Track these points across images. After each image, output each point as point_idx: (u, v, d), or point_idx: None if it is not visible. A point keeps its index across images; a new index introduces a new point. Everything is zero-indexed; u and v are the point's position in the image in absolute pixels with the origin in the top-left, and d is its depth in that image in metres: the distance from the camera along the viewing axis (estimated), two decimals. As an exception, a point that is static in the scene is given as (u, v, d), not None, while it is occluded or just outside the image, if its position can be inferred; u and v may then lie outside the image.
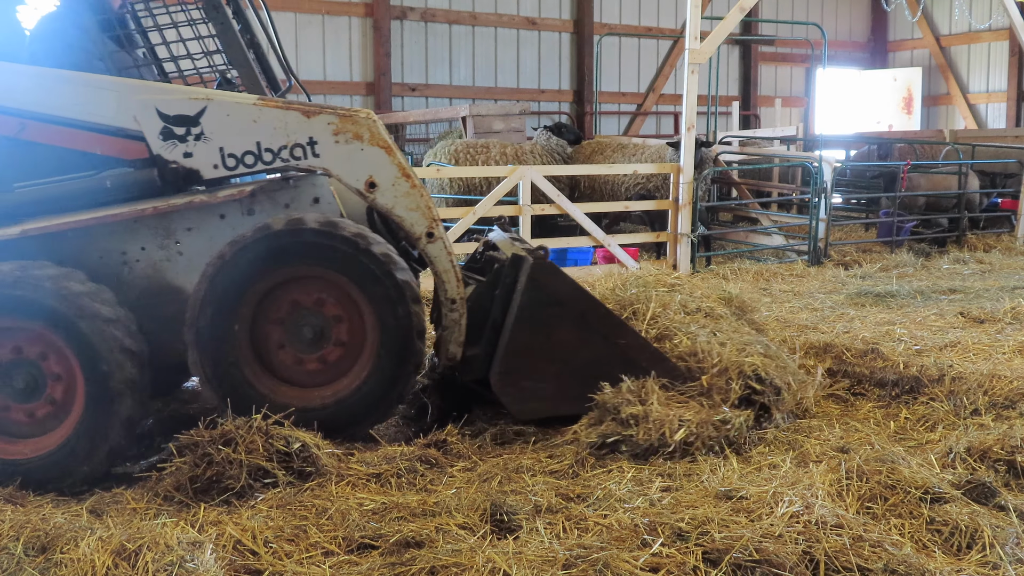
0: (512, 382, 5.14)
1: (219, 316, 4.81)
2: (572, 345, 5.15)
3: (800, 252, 12.43)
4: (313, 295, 4.95)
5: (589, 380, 5.04)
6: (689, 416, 4.84)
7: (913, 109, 22.80)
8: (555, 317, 5.13)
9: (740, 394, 5.14)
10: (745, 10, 11.81)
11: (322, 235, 4.81)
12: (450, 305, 5.14)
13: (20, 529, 3.72)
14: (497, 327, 5.18)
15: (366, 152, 4.96)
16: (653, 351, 5.32)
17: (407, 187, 5.02)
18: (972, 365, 6.34)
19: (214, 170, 4.89)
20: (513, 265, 5.21)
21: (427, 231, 5.07)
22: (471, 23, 17.97)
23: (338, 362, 5.00)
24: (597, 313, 5.27)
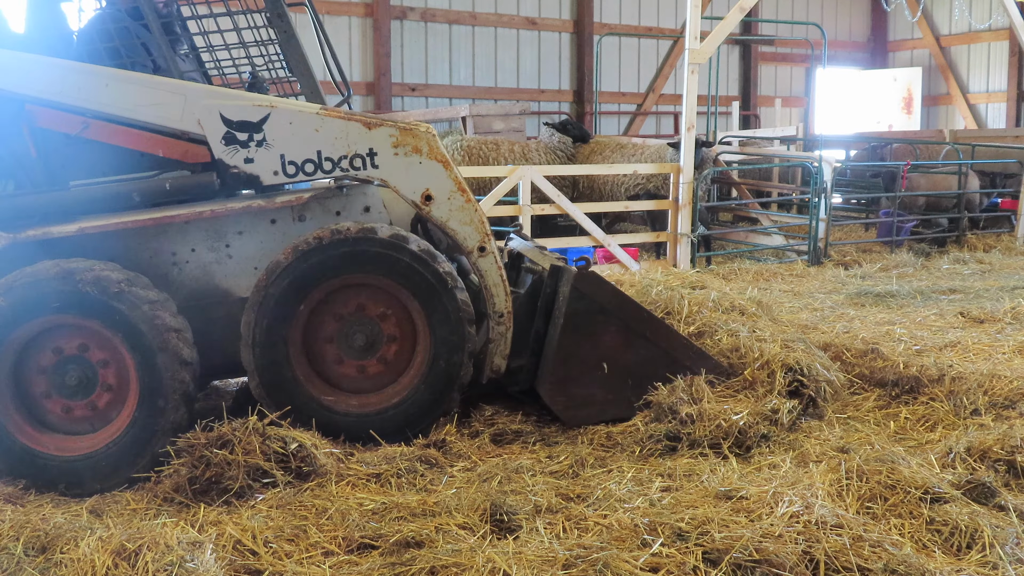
0: (562, 391, 5.26)
1: (291, 291, 4.85)
2: (618, 350, 5.28)
3: (800, 252, 12.42)
4: (379, 308, 5.03)
5: (637, 382, 5.23)
6: (740, 409, 5.05)
7: (913, 109, 22.80)
8: (600, 324, 5.25)
9: (786, 387, 5.36)
10: (745, 10, 11.81)
11: (391, 247, 4.88)
12: (497, 319, 5.21)
13: (20, 529, 3.72)
14: (540, 337, 5.29)
15: (424, 165, 5.03)
16: (697, 350, 5.51)
17: (462, 201, 5.09)
18: (972, 365, 6.34)
19: (274, 176, 4.93)
20: (553, 276, 5.32)
21: (479, 245, 5.14)
22: (471, 23, 17.97)
23: (382, 374, 5.07)
24: (640, 317, 5.40)
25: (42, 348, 4.73)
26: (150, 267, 4.99)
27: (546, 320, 5.30)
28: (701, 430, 4.92)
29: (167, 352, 4.62)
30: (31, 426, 4.70)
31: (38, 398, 4.75)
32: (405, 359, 5.07)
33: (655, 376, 5.24)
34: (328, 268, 4.87)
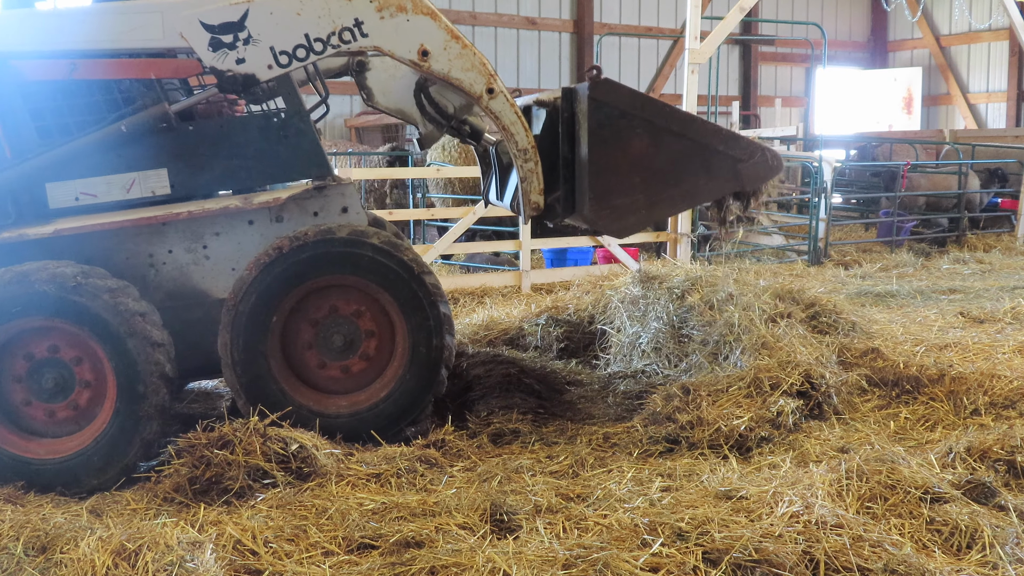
0: (605, 205, 5.17)
1: (260, 305, 4.83)
2: (649, 150, 5.18)
3: (800, 252, 12.43)
4: (352, 306, 5.01)
5: (675, 179, 5.19)
6: (741, 414, 5.05)
7: (913, 109, 22.81)
8: (625, 129, 5.13)
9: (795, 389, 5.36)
10: (745, 10, 11.81)
11: (352, 244, 4.86)
12: (523, 156, 5.14)
13: (20, 529, 3.72)
14: (569, 163, 5.19)
15: (412, 22, 4.93)
16: (727, 132, 5.40)
17: (459, 48, 5.00)
18: (972, 365, 6.34)
19: (269, 71, 4.87)
20: (567, 98, 5.20)
21: (487, 87, 5.05)
22: (471, 23, 17.97)
23: (367, 370, 5.06)
24: (663, 112, 5.27)
25: (13, 357, 4.70)
26: (127, 269, 4.96)
27: (571, 144, 5.18)
28: (700, 434, 4.93)
29: (136, 336, 4.59)
30: (18, 436, 4.69)
31: (19, 407, 4.73)
32: (387, 352, 5.06)
33: (691, 169, 5.18)
34: (293, 276, 4.85)
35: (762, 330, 5.95)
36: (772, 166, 5.34)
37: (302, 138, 5.18)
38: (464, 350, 6.55)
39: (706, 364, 5.81)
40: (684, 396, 5.24)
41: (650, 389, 5.79)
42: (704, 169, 5.21)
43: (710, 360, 5.85)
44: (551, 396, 5.83)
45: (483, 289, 10.09)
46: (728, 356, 5.84)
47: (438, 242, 10.20)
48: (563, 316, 7.09)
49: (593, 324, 6.93)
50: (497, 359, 6.19)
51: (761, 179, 5.38)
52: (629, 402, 5.74)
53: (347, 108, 16.72)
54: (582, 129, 5.11)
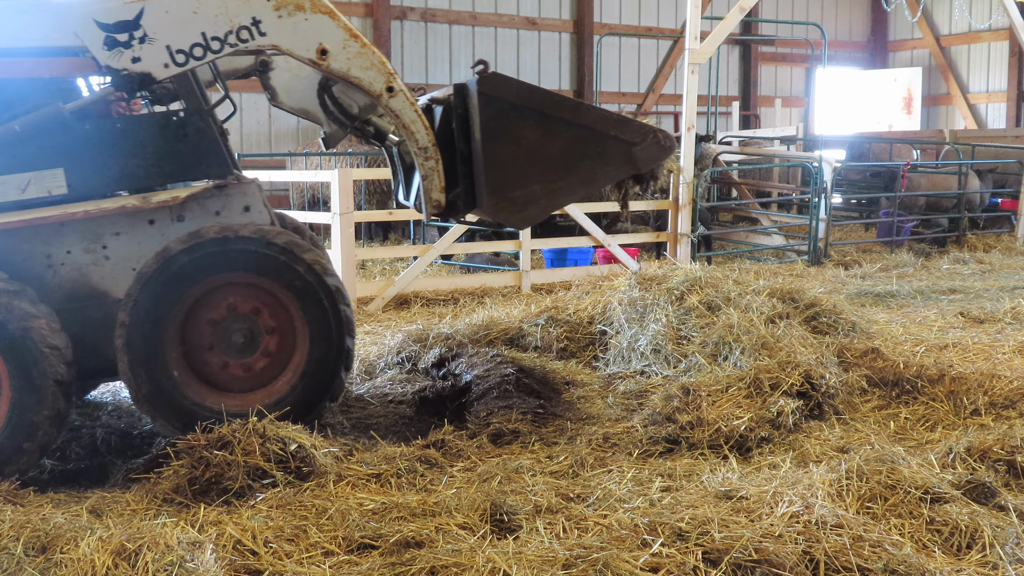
0: (503, 197, 5.20)
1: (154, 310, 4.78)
2: (542, 141, 5.20)
3: (800, 252, 12.43)
4: (251, 304, 4.95)
5: (571, 166, 5.22)
6: (741, 414, 5.04)
7: (913, 109, 22.81)
8: (516, 120, 5.14)
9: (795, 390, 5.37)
10: (745, 10, 11.81)
11: (280, 251, 4.82)
12: (424, 154, 5.13)
13: (20, 529, 3.72)
14: (467, 158, 5.19)
15: (311, 20, 4.91)
16: (617, 117, 5.43)
17: (358, 47, 4.97)
18: (972, 365, 6.34)
19: (165, 69, 4.82)
20: (459, 94, 5.20)
21: (387, 86, 5.03)
22: (471, 23, 17.97)
23: (270, 367, 5.00)
24: (553, 101, 5.29)
25: None
26: (24, 270, 4.88)
27: (467, 140, 5.19)
28: (700, 434, 4.93)
29: (31, 340, 4.55)
30: None
31: None
32: (288, 349, 5.01)
33: (586, 156, 5.21)
34: (185, 277, 4.81)
35: (762, 330, 5.95)
36: (665, 147, 5.37)
37: (202, 137, 5.12)
38: (464, 350, 6.56)
39: (706, 365, 5.81)
40: (684, 396, 5.25)
41: (650, 389, 5.79)
42: (599, 155, 5.24)
43: (710, 361, 5.85)
44: (551, 396, 5.83)
45: (483, 289, 10.09)
46: (728, 357, 5.84)
47: (438, 242, 10.20)
48: (563, 316, 7.09)
49: (593, 324, 6.93)
50: (497, 359, 6.19)
51: (655, 160, 5.40)
52: (629, 402, 5.74)
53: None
54: (475, 124, 5.11)
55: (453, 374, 6.27)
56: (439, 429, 5.22)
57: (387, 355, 6.90)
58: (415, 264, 9.89)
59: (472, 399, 5.74)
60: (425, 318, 8.72)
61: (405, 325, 8.33)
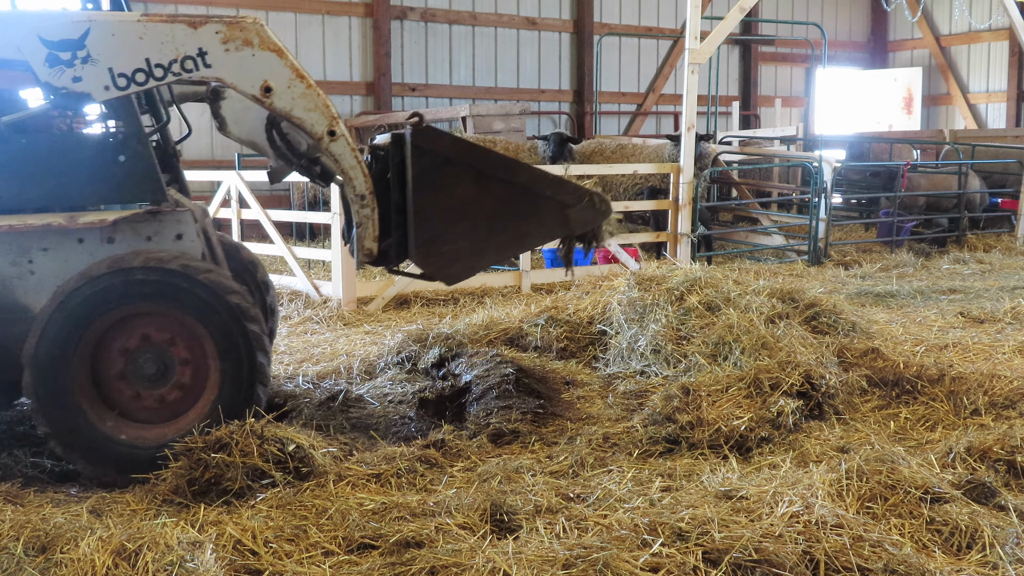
0: (433, 251, 5.18)
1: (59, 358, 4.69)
2: (475, 197, 5.18)
3: (800, 252, 12.43)
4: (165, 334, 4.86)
5: (503, 225, 5.19)
6: (742, 414, 5.04)
7: (913, 109, 22.81)
8: (450, 176, 5.14)
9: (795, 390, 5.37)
10: (745, 10, 11.81)
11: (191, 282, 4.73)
12: (360, 201, 5.10)
13: (20, 529, 3.72)
14: (401, 209, 5.18)
15: (258, 57, 4.89)
16: (553, 178, 5.40)
17: (303, 88, 4.96)
18: (972, 365, 6.34)
19: (105, 92, 4.78)
20: (396, 144, 5.19)
21: (328, 130, 5.01)
22: (471, 23, 17.97)
23: (176, 404, 4.90)
24: (488, 159, 5.28)
25: None
26: None
27: (402, 191, 5.18)
28: (700, 434, 4.93)
29: None
30: None
31: None
32: (202, 381, 4.90)
33: (519, 214, 5.19)
34: (97, 305, 4.72)
35: (762, 331, 5.95)
36: (600, 210, 5.36)
37: (138, 161, 5.07)
38: (464, 350, 6.56)
39: (706, 365, 5.81)
40: (684, 396, 5.25)
41: (650, 389, 5.79)
42: (532, 214, 5.21)
43: (709, 361, 5.85)
44: (551, 396, 5.83)
45: (483, 289, 10.09)
46: (728, 357, 5.84)
47: (438, 242, 10.19)
48: (563, 316, 7.09)
49: (593, 324, 6.93)
50: (497, 359, 6.19)
51: (590, 223, 5.40)
52: (629, 402, 5.74)
53: (347, 108, 16.72)
54: (408, 176, 5.11)
55: (453, 374, 6.27)
56: (439, 429, 5.23)
57: (387, 355, 6.90)
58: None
59: (472, 399, 5.74)
60: (425, 318, 8.72)
61: (405, 325, 8.33)
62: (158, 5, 15.01)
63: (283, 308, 9.27)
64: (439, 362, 6.55)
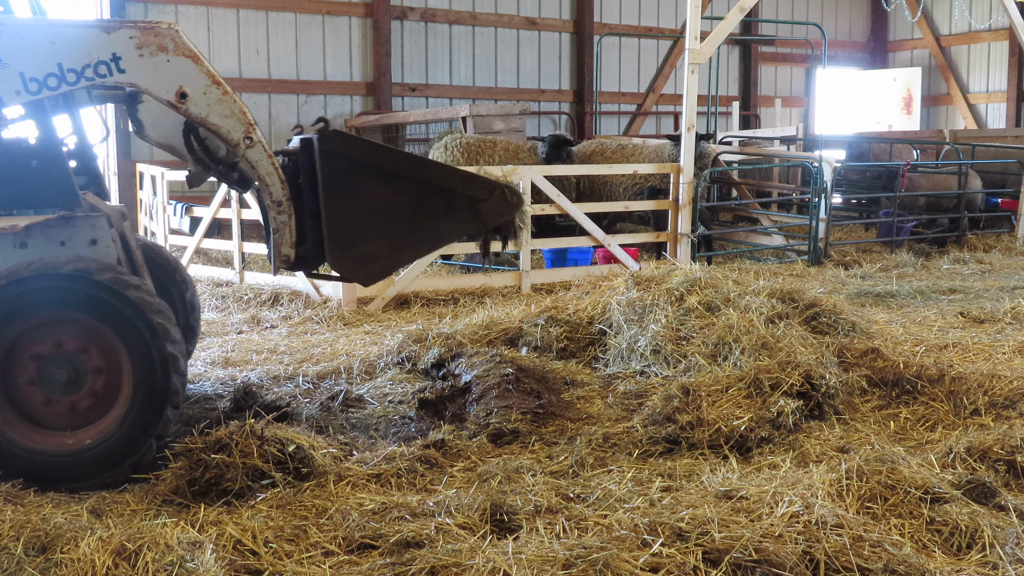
0: (348, 254, 5.20)
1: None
2: (388, 198, 5.22)
3: (800, 252, 12.43)
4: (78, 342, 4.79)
5: (416, 224, 5.23)
6: (742, 414, 5.04)
7: (913, 109, 22.80)
8: (361, 178, 5.16)
9: (796, 390, 5.37)
10: (745, 10, 11.81)
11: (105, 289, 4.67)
12: (277, 208, 5.10)
13: (20, 529, 3.72)
14: (314, 214, 5.19)
15: (173, 63, 4.86)
16: (464, 174, 5.44)
17: (219, 94, 4.94)
18: (972, 365, 6.34)
19: (16, 96, 4.75)
20: (305, 149, 5.19)
21: (245, 136, 4.99)
22: (471, 23, 17.97)
23: (89, 412, 4.84)
24: (397, 159, 5.34)
25: None
26: None
27: (314, 195, 5.19)
28: (700, 435, 4.93)
29: None
30: None
31: None
32: (114, 389, 4.83)
33: (432, 212, 5.23)
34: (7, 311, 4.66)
35: (762, 331, 5.95)
36: (512, 203, 5.39)
37: (51, 166, 5.03)
38: (464, 350, 6.56)
39: (705, 365, 5.81)
40: (684, 396, 5.25)
41: (650, 390, 5.79)
42: (445, 211, 5.25)
43: (709, 361, 5.85)
44: (551, 396, 5.83)
45: (483, 289, 10.09)
46: (728, 357, 5.84)
47: (438, 242, 10.18)
48: (563, 316, 7.09)
49: (593, 325, 6.93)
50: (497, 359, 6.19)
51: (502, 216, 5.43)
52: (629, 402, 5.74)
53: (347, 108, 16.72)
54: (319, 181, 5.12)
55: (453, 374, 6.27)
56: (439, 429, 5.23)
57: (387, 355, 6.90)
58: (415, 264, 9.89)
59: (472, 399, 5.74)
60: (425, 318, 8.72)
61: (405, 325, 8.33)
62: (158, 6, 15.01)
63: (283, 308, 9.27)
64: (439, 362, 6.55)
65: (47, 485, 4.56)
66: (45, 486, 4.53)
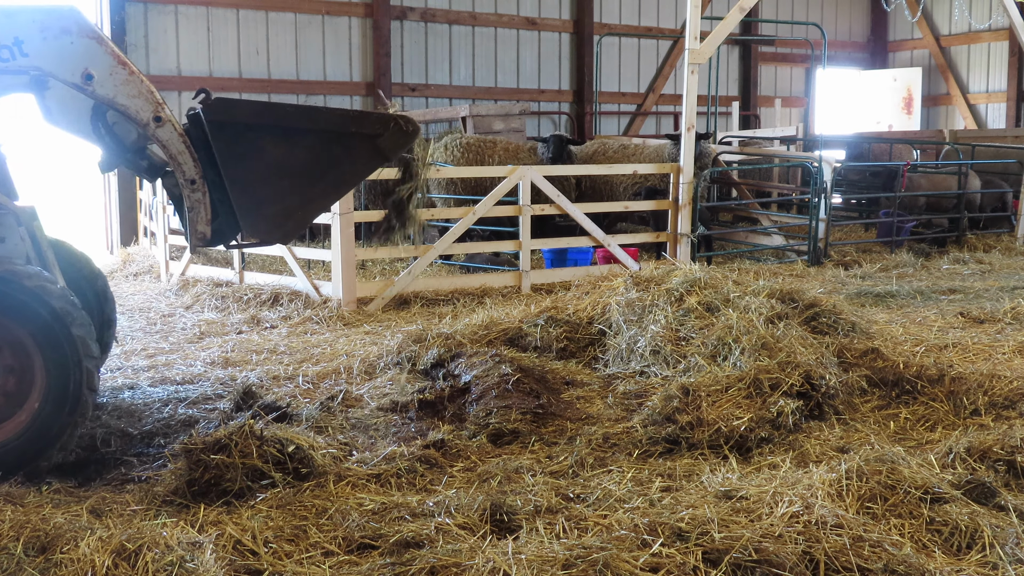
0: (260, 217, 5.20)
1: None
2: (285, 154, 5.19)
3: (800, 252, 12.43)
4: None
5: (322, 172, 5.23)
6: (742, 414, 5.04)
7: (913, 109, 22.79)
8: (255, 140, 5.13)
9: (795, 390, 5.37)
10: (745, 10, 11.81)
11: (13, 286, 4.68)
12: (190, 186, 5.07)
13: (20, 529, 3.72)
14: (218, 185, 5.16)
15: (76, 44, 4.83)
16: (355, 113, 5.44)
17: (125, 75, 4.91)
18: (972, 365, 6.34)
19: None
20: (194, 123, 5.16)
21: (154, 115, 4.97)
22: (471, 23, 17.97)
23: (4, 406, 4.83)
24: (286, 112, 5.32)
25: None
26: None
27: (214, 167, 5.14)
28: (700, 435, 4.93)
29: None
30: None
31: None
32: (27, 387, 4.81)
33: (333, 158, 5.22)
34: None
35: (762, 331, 5.95)
36: (408, 131, 5.36)
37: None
38: (464, 351, 6.56)
39: (705, 366, 5.81)
40: (684, 397, 5.25)
41: (650, 390, 5.79)
42: (345, 154, 5.24)
43: (709, 361, 5.85)
44: (550, 396, 5.83)
45: (483, 289, 10.09)
46: (727, 357, 5.84)
47: (438, 242, 10.20)
48: (563, 317, 7.09)
49: (592, 325, 6.93)
50: (497, 359, 6.19)
51: (401, 147, 5.41)
52: (629, 402, 5.74)
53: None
54: (215, 151, 5.09)
55: (453, 374, 6.27)
56: (439, 429, 5.23)
57: (387, 355, 6.90)
58: (415, 264, 9.89)
59: (472, 399, 5.74)
60: (425, 318, 8.72)
61: (405, 325, 8.33)
62: (158, 6, 15.01)
63: (283, 308, 9.27)
64: (439, 362, 6.55)
65: None
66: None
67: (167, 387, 6.56)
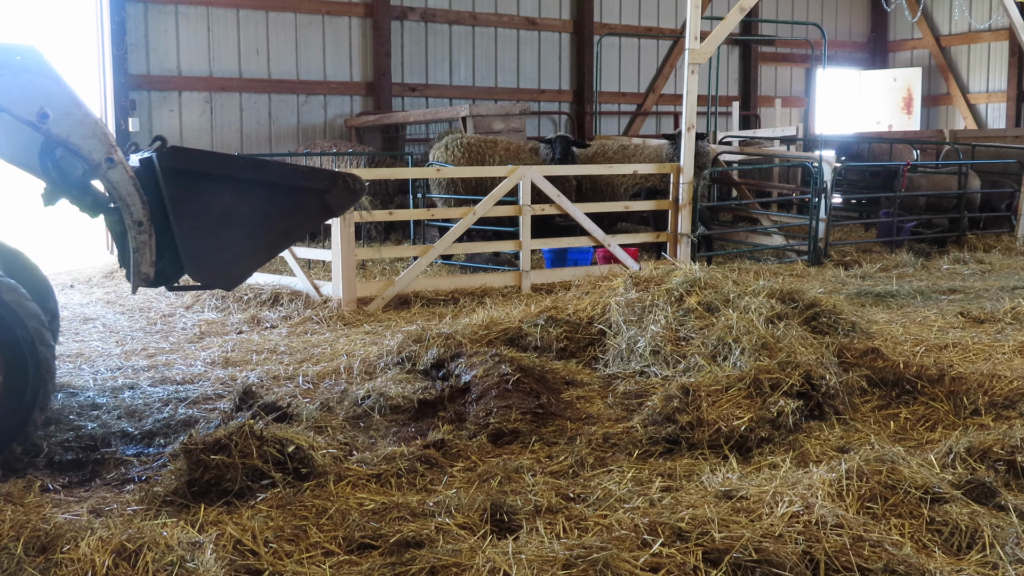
0: (207, 263, 5.26)
1: None
2: (234, 204, 5.28)
3: (800, 252, 12.43)
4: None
5: (270, 223, 5.34)
6: (742, 414, 5.04)
7: (913, 109, 22.79)
8: (207, 189, 5.19)
9: (796, 390, 5.38)
10: (745, 10, 11.81)
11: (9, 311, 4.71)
12: (137, 228, 5.08)
13: (20, 529, 3.72)
14: (165, 229, 5.18)
15: (35, 83, 4.84)
16: (304, 169, 5.58)
17: (80, 115, 4.93)
18: (972, 365, 6.34)
19: None
20: (146, 168, 5.19)
21: (106, 156, 4.98)
22: (471, 23, 17.96)
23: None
24: (238, 164, 5.42)
25: None
26: None
27: (163, 212, 5.17)
28: (700, 435, 4.93)
29: None
30: None
31: None
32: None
33: (281, 210, 5.33)
34: None
35: (762, 331, 5.95)
36: (355, 189, 5.48)
37: None
38: (464, 350, 6.56)
39: (705, 366, 5.81)
40: (684, 397, 5.25)
41: (650, 390, 5.79)
42: (293, 207, 5.36)
43: (709, 361, 5.85)
44: (550, 396, 5.83)
45: (483, 289, 10.09)
46: (727, 357, 5.84)
47: (438, 242, 10.20)
48: (563, 316, 7.09)
49: (592, 325, 6.93)
50: (496, 359, 6.19)
51: (348, 204, 5.54)
52: (629, 402, 5.74)
53: (347, 108, 16.72)
54: (166, 197, 5.12)
55: (453, 374, 6.27)
56: (439, 429, 5.23)
57: (387, 355, 6.89)
58: (415, 264, 9.89)
59: (472, 399, 5.74)
60: (425, 318, 8.72)
61: (405, 325, 8.33)
62: (158, 6, 15.01)
63: (283, 308, 9.27)
64: (439, 362, 6.55)
65: None
66: None
67: (167, 387, 6.56)
